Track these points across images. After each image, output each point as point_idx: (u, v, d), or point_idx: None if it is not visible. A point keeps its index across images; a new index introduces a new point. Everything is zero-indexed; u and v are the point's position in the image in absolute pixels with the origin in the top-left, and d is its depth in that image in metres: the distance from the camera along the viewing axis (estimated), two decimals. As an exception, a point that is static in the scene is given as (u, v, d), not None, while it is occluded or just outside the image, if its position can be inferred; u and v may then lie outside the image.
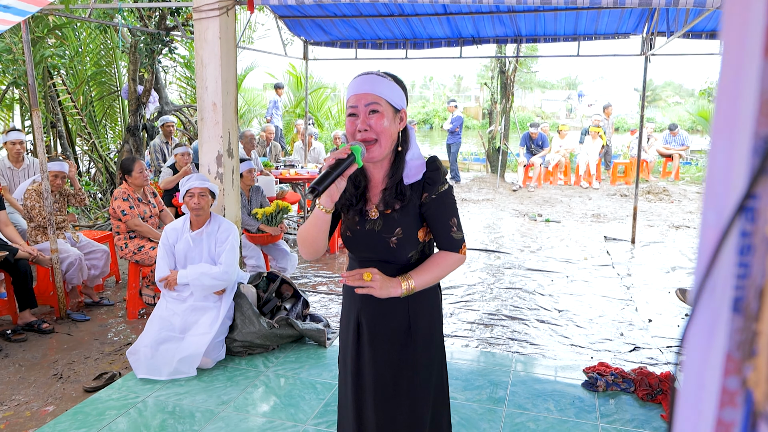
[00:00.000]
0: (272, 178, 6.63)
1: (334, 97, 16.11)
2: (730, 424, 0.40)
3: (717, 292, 0.40)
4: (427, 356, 1.73)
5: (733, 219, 0.38)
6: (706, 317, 0.41)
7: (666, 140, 11.82)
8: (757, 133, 0.37)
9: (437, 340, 1.77)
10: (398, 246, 1.64)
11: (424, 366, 1.72)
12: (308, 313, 4.07)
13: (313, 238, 1.65)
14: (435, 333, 1.76)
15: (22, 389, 3.24)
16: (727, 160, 0.39)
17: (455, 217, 1.67)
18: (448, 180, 1.72)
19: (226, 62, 3.92)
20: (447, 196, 1.66)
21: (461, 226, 1.70)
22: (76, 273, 4.26)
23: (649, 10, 5.98)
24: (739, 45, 0.39)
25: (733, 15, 0.39)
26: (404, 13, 6.44)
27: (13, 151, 5.11)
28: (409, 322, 1.70)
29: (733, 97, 0.39)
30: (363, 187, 1.69)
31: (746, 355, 0.39)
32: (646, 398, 3.10)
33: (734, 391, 0.40)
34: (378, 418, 1.72)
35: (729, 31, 0.39)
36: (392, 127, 1.61)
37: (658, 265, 5.81)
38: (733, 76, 0.39)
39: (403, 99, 1.65)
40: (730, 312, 0.39)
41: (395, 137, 1.63)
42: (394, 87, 1.62)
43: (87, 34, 8.61)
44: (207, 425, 2.84)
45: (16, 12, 3.42)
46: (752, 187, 0.37)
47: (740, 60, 0.38)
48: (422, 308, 1.72)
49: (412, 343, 1.71)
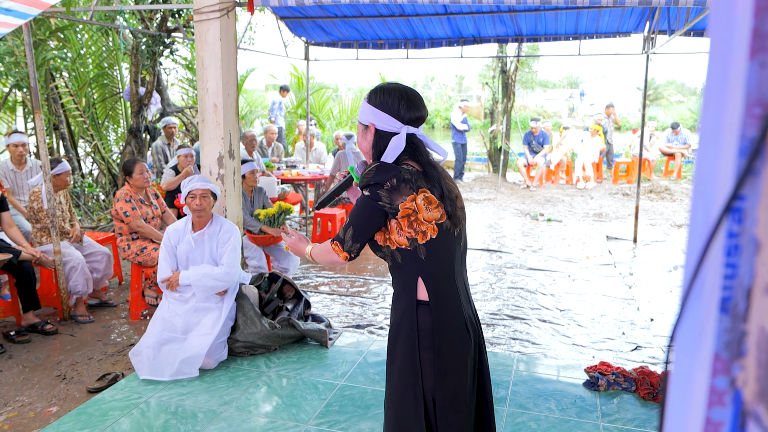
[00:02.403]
0: (274, 178, 6.64)
1: (335, 98, 16.13)
2: (719, 424, 0.40)
3: (705, 293, 0.40)
4: (390, 365, 1.80)
5: (720, 220, 0.38)
6: (695, 317, 0.41)
7: (668, 139, 11.80)
8: (743, 134, 0.38)
9: (402, 355, 1.73)
10: (370, 244, 1.78)
11: (389, 375, 1.81)
12: (310, 314, 4.07)
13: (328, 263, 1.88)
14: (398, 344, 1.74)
15: (25, 390, 3.25)
16: (715, 161, 0.40)
17: (351, 218, 1.74)
18: (370, 187, 1.71)
19: (226, 64, 3.93)
20: (360, 198, 1.73)
21: (348, 230, 1.73)
22: (80, 279, 4.25)
23: (650, 8, 5.97)
24: (725, 48, 0.39)
25: (720, 18, 0.39)
26: (405, 13, 6.44)
27: (16, 153, 5.13)
28: (393, 328, 1.79)
29: (720, 99, 0.39)
30: None
31: (734, 354, 0.39)
32: (647, 398, 3.10)
33: (723, 391, 0.40)
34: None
35: (716, 33, 0.40)
36: (363, 141, 1.79)
37: (660, 264, 5.80)
38: (719, 79, 0.39)
39: (367, 113, 1.75)
40: (718, 312, 0.40)
41: (369, 149, 1.79)
42: (363, 107, 1.77)
43: (89, 36, 8.63)
44: (209, 425, 2.84)
45: (17, 15, 3.43)
46: (739, 188, 0.38)
47: (727, 62, 0.39)
48: (394, 313, 1.79)
49: (390, 348, 1.80)
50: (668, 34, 6.13)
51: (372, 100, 1.74)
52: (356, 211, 1.72)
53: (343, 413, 2.96)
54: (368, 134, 1.76)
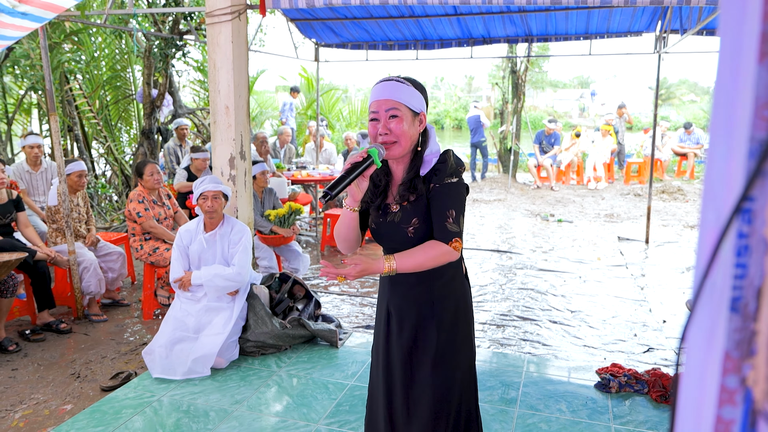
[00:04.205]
0: (284, 179, 6.67)
1: (345, 99, 16.17)
2: (730, 422, 0.41)
3: (715, 293, 0.41)
4: (451, 344, 1.80)
5: (730, 221, 0.39)
6: (705, 317, 0.42)
7: (681, 139, 11.70)
8: (752, 136, 0.38)
9: (462, 330, 1.83)
10: (415, 235, 1.73)
11: (449, 353, 1.80)
12: (320, 314, 4.09)
13: (345, 235, 1.81)
14: (459, 322, 1.82)
15: (40, 388, 3.30)
16: (724, 163, 0.40)
17: (455, 210, 1.69)
18: (462, 175, 1.76)
19: (238, 66, 3.96)
20: (452, 187, 1.70)
21: (460, 221, 1.71)
22: (93, 279, 4.30)
23: (662, 8, 5.94)
24: (734, 50, 0.39)
25: (729, 21, 0.40)
26: (414, 14, 6.45)
27: (31, 154, 5.21)
28: (432, 310, 1.79)
29: (729, 101, 0.40)
30: (384, 184, 1.81)
31: (745, 354, 0.40)
32: (659, 399, 3.08)
33: (733, 390, 0.40)
34: (406, 401, 1.84)
35: (725, 36, 0.40)
36: (411, 129, 1.71)
37: (673, 265, 5.76)
38: (729, 81, 0.40)
39: (422, 103, 1.75)
40: (729, 312, 0.40)
41: (415, 138, 1.74)
42: (414, 92, 1.71)
43: (102, 39, 8.73)
44: (221, 424, 2.87)
45: (33, 19, 3.48)
46: (749, 190, 0.38)
47: (736, 65, 0.39)
48: (445, 297, 1.80)
49: (435, 331, 1.79)
50: (680, 34, 6.09)
51: (421, 89, 1.76)
52: (458, 199, 1.71)
53: (353, 413, 2.98)
54: (417, 122, 1.73)
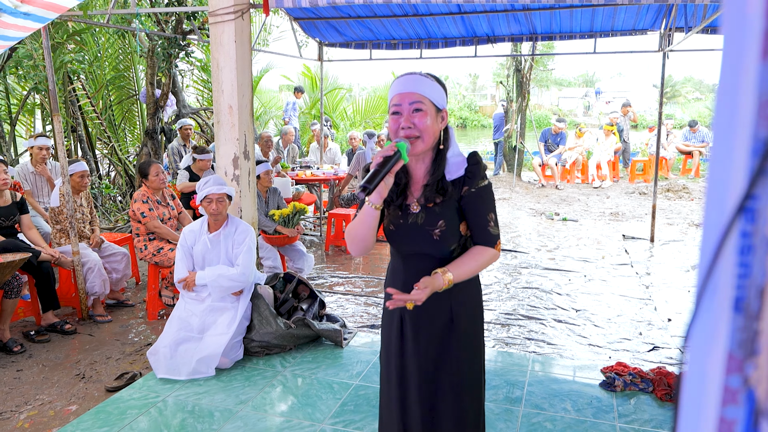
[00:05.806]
0: (288, 179, 6.68)
1: (349, 98, 16.16)
2: (733, 422, 0.40)
3: (718, 292, 0.41)
4: (469, 350, 1.78)
5: (733, 220, 0.39)
6: (708, 316, 0.41)
7: (686, 137, 11.65)
8: (756, 135, 0.38)
9: (479, 336, 1.82)
10: (441, 238, 1.67)
11: (467, 360, 1.78)
12: (324, 314, 4.09)
13: (363, 236, 1.69)
14: (477, 328, 1.81)
15: (45, 389, 3.31)
16: (728, 161, 0.40)
17: (493, 213, 1.70)
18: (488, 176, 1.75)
19: (241, 65, 3.97)
20: (486, 190, 1.70)
21: (498, 223, 1.73)
22: (97, 280, 4.31)
23: (667, 5, 5.91)
24: (737, 48, 0.39)
25: (732, 19, 0.39)
26: (418, 13, 6.44)
27: (39, 156, 5.23)
28: (451, 316, 1.75)
29: (732, 99, 0.39)
30: (404, 183, 1.73)
31: (748, 353, 0.40)
32: (664, 398, 3.07)
33: (736, 390, 0.40)
34: (422, 410, 1.78)
35: (728, 34, 0.40)
36: (435, 125, 1.65)
37: (678, 263, 5.74)
38: (732, 79, 0.39)
39: (444, 99, 1.70)
40: (732, 311, 0.40)
41: (437, 135, 1.68)
42: (436, 87, 1.67)
43: (105, 39, 8.75)
44: (226, 424, 2.87)
45: (36, 19, 3.49)
46: (752, 188, 0.38)
47: (739, 63, 0.39)
48: (464, 303, 1.77)
49: (454, 338, 1.76)
50: (685, 32, 6.06)
51: (442, 86, 1.71)
52: (492, 202, 1.72)
53: (358, 413, 2.98)
54: (440, 119, 1.68)
